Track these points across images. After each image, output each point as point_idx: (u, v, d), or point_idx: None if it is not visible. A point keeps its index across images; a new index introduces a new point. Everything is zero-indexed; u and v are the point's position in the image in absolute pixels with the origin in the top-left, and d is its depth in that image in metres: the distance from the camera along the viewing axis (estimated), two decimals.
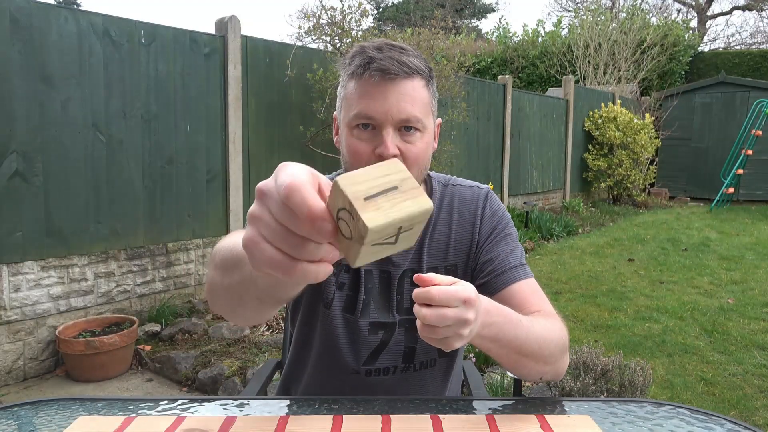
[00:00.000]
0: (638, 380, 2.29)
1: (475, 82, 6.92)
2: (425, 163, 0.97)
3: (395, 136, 0.92)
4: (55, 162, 3.05)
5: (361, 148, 0.92)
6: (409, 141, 0.93)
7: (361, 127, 0.92)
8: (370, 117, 0.91)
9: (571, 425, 0.81)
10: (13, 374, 2.94)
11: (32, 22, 2.93)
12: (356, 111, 0.91)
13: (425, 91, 0.95)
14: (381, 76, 0.89)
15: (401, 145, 0.92)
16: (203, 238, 3.86)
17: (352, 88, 0.93)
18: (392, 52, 0.91)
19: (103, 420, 0.81)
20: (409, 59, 0.92)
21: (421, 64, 0.94)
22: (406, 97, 0.91)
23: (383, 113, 0.90)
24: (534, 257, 5.73)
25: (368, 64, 0.90)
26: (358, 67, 0.91)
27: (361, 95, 0.91)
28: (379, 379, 1.06)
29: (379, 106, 0.90)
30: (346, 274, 1.05)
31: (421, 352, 1.06)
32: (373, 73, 0.89)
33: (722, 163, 9.90)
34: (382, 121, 0.91)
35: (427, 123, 0.95)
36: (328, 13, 4.44)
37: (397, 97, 0.90)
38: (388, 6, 24.50)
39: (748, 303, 4.20)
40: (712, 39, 21.51)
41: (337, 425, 0.80)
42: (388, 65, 0.89)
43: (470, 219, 1.07)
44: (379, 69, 0.89)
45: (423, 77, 0.94)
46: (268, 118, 4.23)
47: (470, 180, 1.16)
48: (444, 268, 1.06)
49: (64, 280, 3.13)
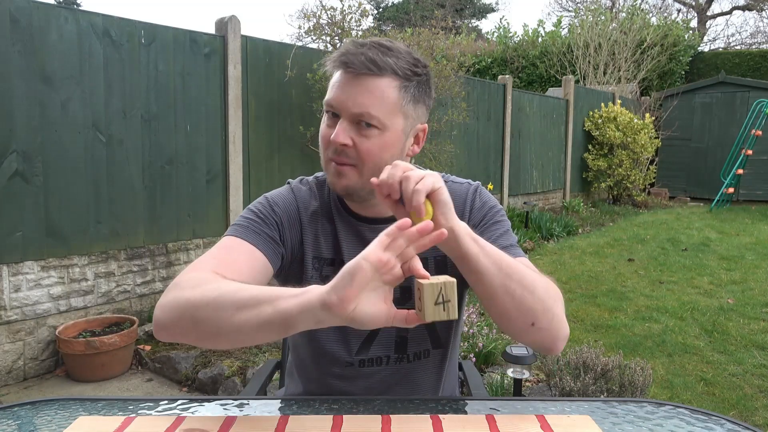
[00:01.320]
0: (638, 380, 2.29)
1: (475, 82, 6.92)
2: (380, 162, 0.96)
3: (350, 128, 0.96)
4: (55, 162, 3.05)
5: (324, 132, 1.00)
6: (364, 135, 0.96)
7: (330, 114, 0.99)
8: (331, 105, 0.98)
9: (571, 425, 0.81)
10: (13, 374, 2.94)
11: (32, 22, 2.93)
12: (326, 98, 0.99)
13: (395, 91, 0.96)
14: (348, 70, 0.95)
15: (355, 137, 0.96)
16: (203, 238, 3.86)
17: (331, 79, 1.00)
18: (371, 50, 0.95)
19: (103, 420, 0.81)
20: (385, 59, 0.94)
21: (401, 65, 0.96)
22: (368, 93, 0.95)
23: (340, 103, 0.96)
24: (534, 257, 5.73)
25: (340, 57, 0.96)
26: (334, 61, 0.97)
27: (332, 85, 0.98)
28: (373, 369, 1.08)
29: (340, 97, 0.96)
30: (329, 267, 1.07)
31: (414, 342, 1.08)
32: (341, 66, 0.96)
33: (722, 163, 9.90)
34: (340, 111, 0.96)
35: (389, 123, 0.96)
36: (328, 13, 4.44)
37: (356, 91, 0.95)
38: (388, 6, 24.50)
39: (748, 303, 4.20)
40: (712, 39, 21.52)
41: (337, 425, 0.80)
42: (356, 61, 0.94)
43: (459, 212, 1.08)
44: (348, 63, 0.95)
45: (397, 78, 0.96)
46: (268, 118, 4.23)
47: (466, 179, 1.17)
48: (434, 258, 1.07)
49: (64, 280, 3.13)
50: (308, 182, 1.12)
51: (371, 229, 1.07)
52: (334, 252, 1.08)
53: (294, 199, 1.08)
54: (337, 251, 1.07)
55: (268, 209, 1.04)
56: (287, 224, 1.05)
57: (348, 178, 0.98)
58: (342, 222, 1.08)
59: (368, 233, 1.07)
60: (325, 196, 1.10)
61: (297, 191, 1.09)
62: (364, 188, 0.99)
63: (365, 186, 0.98)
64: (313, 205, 1.08)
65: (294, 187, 1.10)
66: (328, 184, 1.04)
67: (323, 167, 1.03)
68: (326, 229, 1.08)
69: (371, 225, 1.07)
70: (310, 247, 1.07)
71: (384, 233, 0.73)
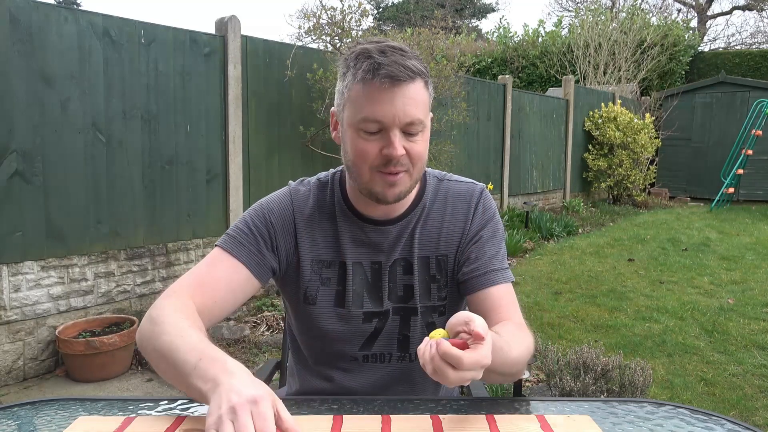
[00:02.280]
0: (638, 380, 2.29)
1: (475, 82, 6.91)
2: (425, 160, 1.03)
3: (401, 138, 0.96)
4: (55, 162, 3.05)
5: (369, 148, 0.97)
6: (414, 141, 0.98)
7: (368, 131, 0.97)
8: (378, 121, 0.95)
9: (571, 425, 0.81)
10: (13, 374, 2.94)
11: (32, 22, 2.93)
12: (364, 114, 0.95)
13: (425, 92, 0.99)
14: (390, 82, 0.93)
15: (406, 145, 0.97)
16: (203, 238, 3.86)
17: (359, 90, 0.96)
18: (395, 56, 0.94)
19: (103, 420, 0.81)
20: (411, 62, 0.95)
21: (420, 66, 0.98)
22: (411, 101, 0.95)
23: (391, 117, 0.94)
24: (534, 257, 5.73)
25: (377, 69, 0.93)
26: (366, 72, 0.94)
27: (368, 100, 0.95)
28: (376, 366, 1.11)
29: (387, 111, 0.94)
30: (328, 269, 1.08)
31: (416, 342, 1.09)
32: (383, 79, 0.93)
33: (722, 163, 9.90)
34: (390, 125, 0.95)
35: (427, 122, 1.00)
36: (328, 13, 4.44)
37: (403, 101, 0.94)
38: (388, 6, 24.50)
39: (748, 303, 4.20)
40: (713, 39, 21.51)
41: (337, 425, 0.80)
42: (395, 71, 0.93)
43: (463, 213, 1.12)
44: (388, 75, 0.93)
45: (423, 78, 0.98)
46: (268, 118, 4.23)
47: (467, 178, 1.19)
48: (435, 258, 1.10)
49: (64, 280, 3.13)
50: (309, 183, 1.12)
51: (377, 231, 1.08)
52: (334, 254, 1.08)
53: (290, 202, 1.08)
54: (337, 253, 1.08)
55: (260, 218, 1.06)
56: (281, 231, 1.06)
57: (403, 185, 1.00)
58: (346, 223, 1.08)
59: (373, 234, 1.08)
60: (327, 197, 1.10)
61: (295, 194, 1.10)
62: (411, 189, 1.03)
63: (412, 187, 1.03)
64: (312, 206, 1.09)
65: (292, 190, 1.10)
66: (375, 195, 1.01)
67: (363, 182, 1.00)
68: (326, 231, 1.08)
69: (377, 226, 1.08)
70: (307, 251, 1.07)
71: None
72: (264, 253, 1.04)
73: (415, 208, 1.10)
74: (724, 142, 10.20)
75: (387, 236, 1.08)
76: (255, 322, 3.59)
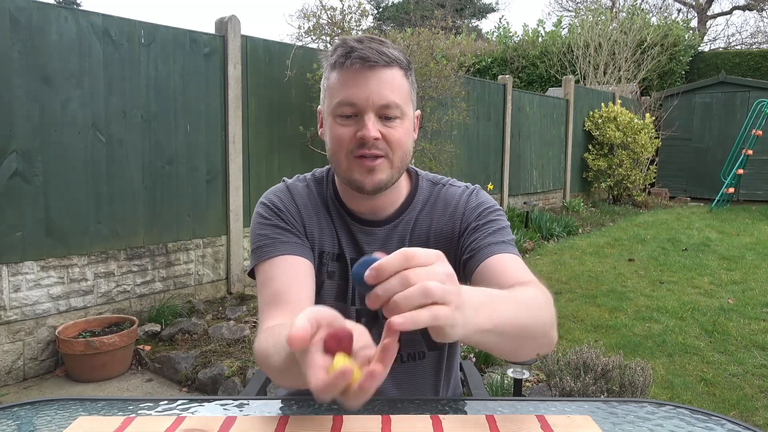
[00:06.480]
0: (638, 380, 2.29)
1: (475, 82, 6.91)
2: (406, 149, 1.01)
3: (376, 122, 0.95)
4: (55, 162, 3.05)
5: (344, 132, 0.96)
6: (391, 126, 0.97)
7: (344, 114, 0.96)
8: (352, 103, 0.95)
9: (571, 425, 0.81)
10: (12, 374, 2.94)
11: (32, 22, 2.93)
12: (339, 98, 0.95)
13: (404, 80, 0.99)
14: (361, 63, 0.93)
15: (383, 129, 0.96)
16: (203, 238, 3.86)
17: (334, 78, 0.97)
18: (372, 44, 0.95)
19: (103, 420, 0.81)
20: (388, 50, 0.96)
21: (399, 55, 0.98)
22: (386, 84, 0.95)
23: (365, 99, 0.94)
24: (534, 257, 5.73)
25: (349, 53, 0.94)
26: (339, 57, 0.95)
27: (343, 83, 0.95)
28: None
29: (361, 93, 0.94)
30: (335, 263, 1.08)
31: (406, 343, 1.07)
32: (354, 61, 0.93)
33: (722, 163, 9.89)
34: (364, 107, 0.94)
35: (406, 110, 0.99)
36: (328, 13, 4.44)
37: (377, 84, 0.94)
38: (388, 6, 24.50)
39: (749, 303, 4.20)
40: (713, 39, 21.51)
41: (337, 425, 0.80)
42: (368, 54, 0.93)
43: (453, 210, 1.09)
44: (360, 57, 0.93)
45: (401, 67, 0.98)
46: (268, 118, 4.23)
47: (467, 182, 1.18)
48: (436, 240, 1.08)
49: (64, 280, 3.13)
50: (305, 179, 1.12)
51: (362, 231, 1.07)
52: (338, 247, 1.08)
53: (290, 196, 1.08)
54: (339, 246, 1.08)
55: (272, 214, 1.05)
56: (296, 218, 1.06)
57: (382, 172, 0.98)
58: (338, 219, 1.09)
59: (359, 234, 1.07)
60: (323, 192, 1.10)
61: (293, 188, 1.09)
62: (392, 180, 1.00)
63: (394, 177, 1.00)
64: (312, 199, 1.09)
65: (289, 185, 1.10)
66: (354, 183, 0.99)
67: (342, 170, 0.99)
68: (326, 225, 1.08)
69: (363, 226, 1.07)
70: (315, 242, 1.07)
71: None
72: (301, 237, 1.04)
73: (404, 212, 1.08)
74: (724, 142, 10.20)
75: (374, 238, 1.07)
76: (255, 322, 3.59)
